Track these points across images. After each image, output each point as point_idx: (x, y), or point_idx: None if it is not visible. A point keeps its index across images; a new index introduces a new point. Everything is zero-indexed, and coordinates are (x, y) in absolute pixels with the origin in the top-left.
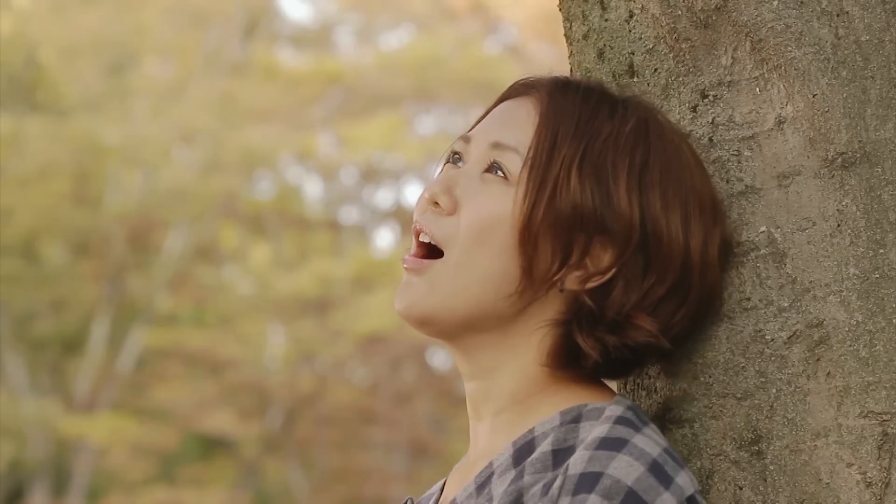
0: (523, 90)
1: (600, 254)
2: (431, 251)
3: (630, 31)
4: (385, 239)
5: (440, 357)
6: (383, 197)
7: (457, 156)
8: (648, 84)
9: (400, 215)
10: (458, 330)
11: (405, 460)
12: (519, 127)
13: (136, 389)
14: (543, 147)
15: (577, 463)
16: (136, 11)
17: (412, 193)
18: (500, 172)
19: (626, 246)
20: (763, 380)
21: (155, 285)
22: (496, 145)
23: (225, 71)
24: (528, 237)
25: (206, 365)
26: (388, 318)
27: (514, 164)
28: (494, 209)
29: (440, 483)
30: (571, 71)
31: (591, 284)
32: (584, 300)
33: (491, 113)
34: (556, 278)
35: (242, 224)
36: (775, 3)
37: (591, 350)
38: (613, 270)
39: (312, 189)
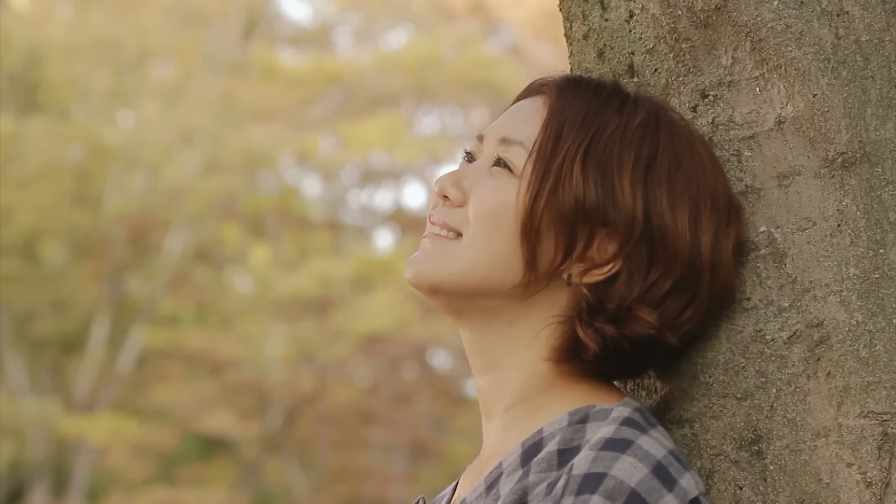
0: (537, 89)
1: (604, 246)
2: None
3: (630, 31)
4: (385, 239)
5: (440, 357)
6: (383, 197)
7: (469, 155)
8: (648, 84)
9: (400, 215)
10: (465, 303)
11: (405, 460)
12: (527, 122)
13: (136, 389)
14: (548, 140)
15: (581, 463)
16: (136, 11)
17: (412, 193)
18: (506, 166)
19: (629, 239)
20: (763, 380)
21: (155, 285)
22: (503, 140)
23: (225, 71)
24: (530, 228)
25: (206, 365)
26: (388, 318)
27: (520, 157)
28: (500, 198)
29: (453, 484)
30: (571, 71)
31: (594, 276)
32: (585, 291)
33: (505, 112)
34: (559, 269)
35: (242, 224)
36: (775, 3)
37: (590, 341)
38: (616, 263)
39: (312, 189)
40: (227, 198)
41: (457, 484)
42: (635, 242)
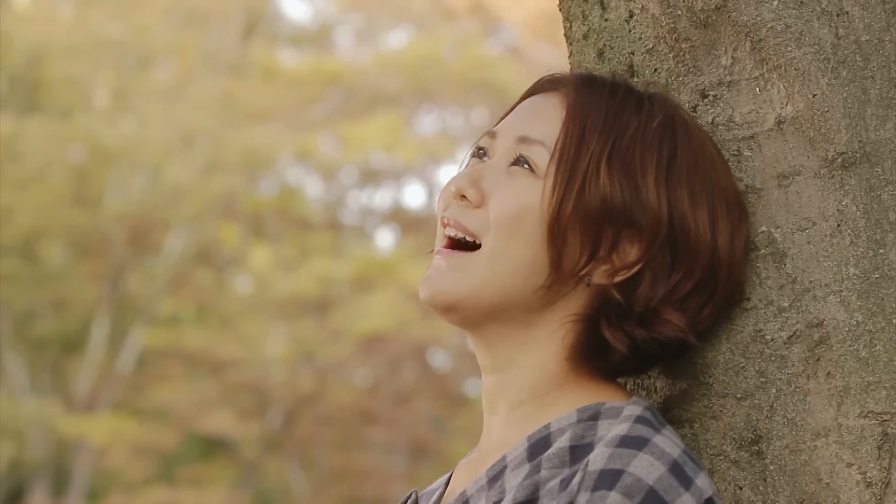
0: (549, 86)
1: (628, 248)
2: (460, 246)
3: (630, 31)
4: (385, 239)
5: (440, 357)
6: (383, 197)
7: (482, 151)
8: (649, 84)
9: (400, 215)
10: (483, 319)
11: (405, 460)
12: (546, 121)
13: (136, 389)
14: (571, 141)
15: (597, 459)
16: (137, 11)
17: (412, 193)
18: (526, 165)
19: (654, 240)
20: (763, 380)
21: (155, 285)
22: (523, 139)
23: (225, 71)
24: (556, 230)
25: (206, 365)
26: (388, 318)
27: (542, 157)
28: (523, 200)
29: (444, 477)
30: (571, 71)
31: (618, 278)
32: (612, 293)
33: (517, 108)
34: (584, 272)
35: (242, 224)
36: (775, 3)
37: (618, 344)
38: (641, 264)
39: (312, 189)
40: (227, 198)
41: (449, 477)
42: (660, 244)
